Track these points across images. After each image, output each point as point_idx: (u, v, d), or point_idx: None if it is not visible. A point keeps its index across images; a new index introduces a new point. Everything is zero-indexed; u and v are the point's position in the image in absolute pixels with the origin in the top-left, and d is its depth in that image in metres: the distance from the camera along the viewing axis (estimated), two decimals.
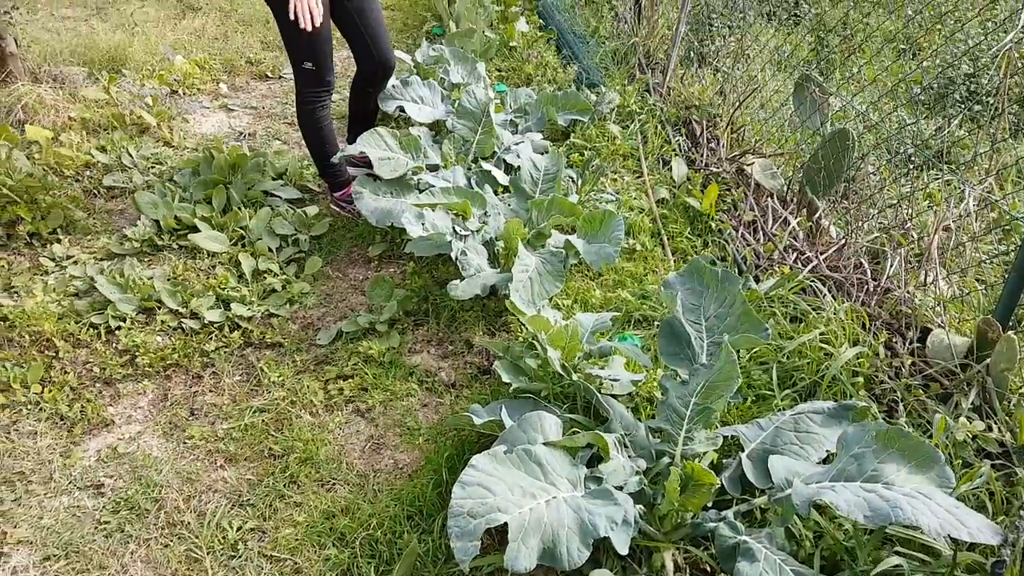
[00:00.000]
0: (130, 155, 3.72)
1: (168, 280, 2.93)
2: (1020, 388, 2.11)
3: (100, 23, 5.48)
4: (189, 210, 3.25)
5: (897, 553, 1.67)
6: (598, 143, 3.84)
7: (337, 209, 3.42)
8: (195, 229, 3.17)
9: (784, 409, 2.09)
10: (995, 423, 2.01)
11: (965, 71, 3.89)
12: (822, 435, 1.93)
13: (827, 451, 1.89)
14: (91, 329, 2.70)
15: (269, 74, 4.87)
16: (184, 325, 2.74)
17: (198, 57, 4.88)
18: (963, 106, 3.94)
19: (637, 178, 3.64)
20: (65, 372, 2.53)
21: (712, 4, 4.48)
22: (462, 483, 1.51)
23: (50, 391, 2.44)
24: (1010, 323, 2.19)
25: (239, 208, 3.28)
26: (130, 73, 4.60)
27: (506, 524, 1.49)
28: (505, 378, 2.25)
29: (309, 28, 2.69)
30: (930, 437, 1.99)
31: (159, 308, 2.80)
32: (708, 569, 1.85)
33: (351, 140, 3.33)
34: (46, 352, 2.61)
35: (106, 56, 4.72)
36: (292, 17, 2.67)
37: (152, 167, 3.69)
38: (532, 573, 1.59)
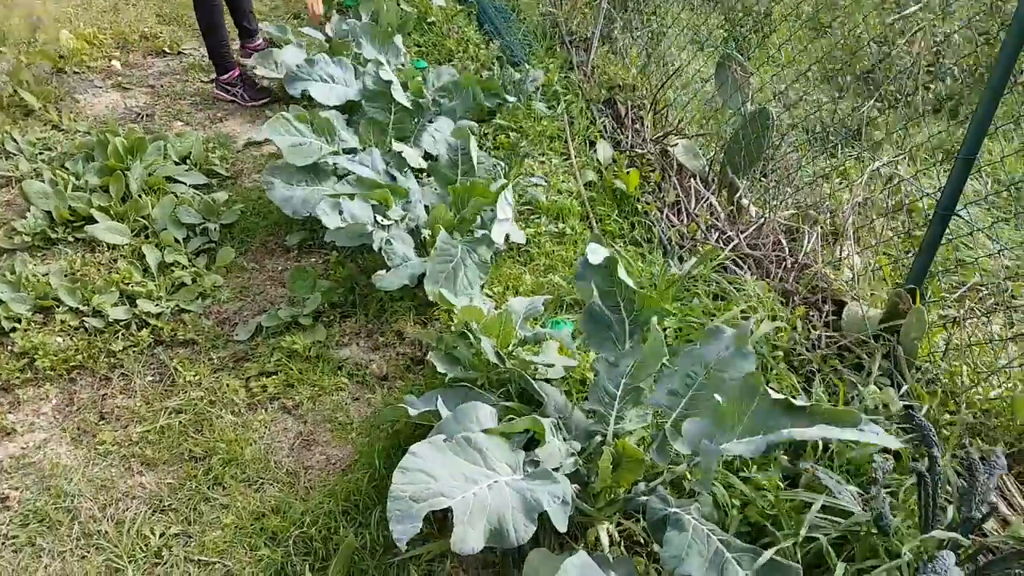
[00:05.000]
0: (14, 140, 3.60)
1: (65, 276, 2.88)
2: (927, 355, 2.36)
3: None
4: (84, 199, 3.18)
5: (818, 516, 1.87)
6: (524, 124, 3.96)
7: (221, 93, 4.19)
8: (92, 220, 3.11)
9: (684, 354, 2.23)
10: (902, 388, 2.25)
11: (875, 55, 4.22)
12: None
13: None
14: None
15: (167, 50, 4.74)
16: (87, 324, 2.71)
17: (86, 31, 4.70)
18: (875, 87, 4.28)
19: (564, 160, 3.77)
20: None
21: None
22: (403, 469, 1.60)
23: None
24: (919, 294, 2.44)
25: (139, 196, 3.23)
26: (8, 50, 4.40)
27: (447, 511, 1.59)
28: (439, 368, 2.34)
29: None
30: (846, 404, 2.21)
31: (57, 307, 2.75)
32: (641, 541, 2.02)
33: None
34: None
35: None
36: None
37: (40, 153, 3.57)
38: (471, 559, 1.70)
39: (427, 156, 3.43)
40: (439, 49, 4.80)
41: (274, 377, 2.57)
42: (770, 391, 1.70)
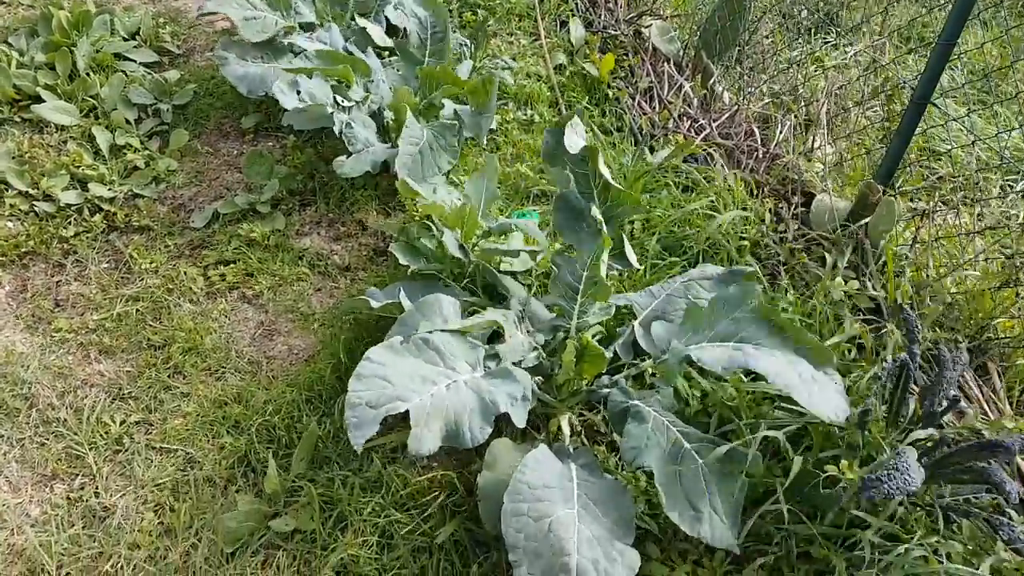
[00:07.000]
0: None
1: (13, 158, 2.70)
2: (895, 248, 2.29)
3: None
4: (30, 77, 2.95)
5: (778, 408, 1.85)
6: (491, 1, 3.68)
7: None
8: (39, 99, 2.90)
9: (675, 276, 2.20)
10: (870, 281, 2.20)
11: None
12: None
13: None
14: None
15: None
16: (37, 209, 2.56)
17: None
18: None
19: (534, 41, 3.54)
20: None
21: None
22: (359, 375, 1.53)
23: None
24: (890, 186, 2.34)
25: (87, 74, 3.00)
26: None
27: (407, 411, 1.53)
28: (402, 260, 2.23)
29: None
30: (810, 297, 2.16)
31: (6, 190, 2.59)
32: (602, 431, 2.00)
33: None
34: None
35: None
36: None
37: None
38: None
39: (389, 32, 3.18)
40: None
41: (233, 266, 2.45)
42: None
